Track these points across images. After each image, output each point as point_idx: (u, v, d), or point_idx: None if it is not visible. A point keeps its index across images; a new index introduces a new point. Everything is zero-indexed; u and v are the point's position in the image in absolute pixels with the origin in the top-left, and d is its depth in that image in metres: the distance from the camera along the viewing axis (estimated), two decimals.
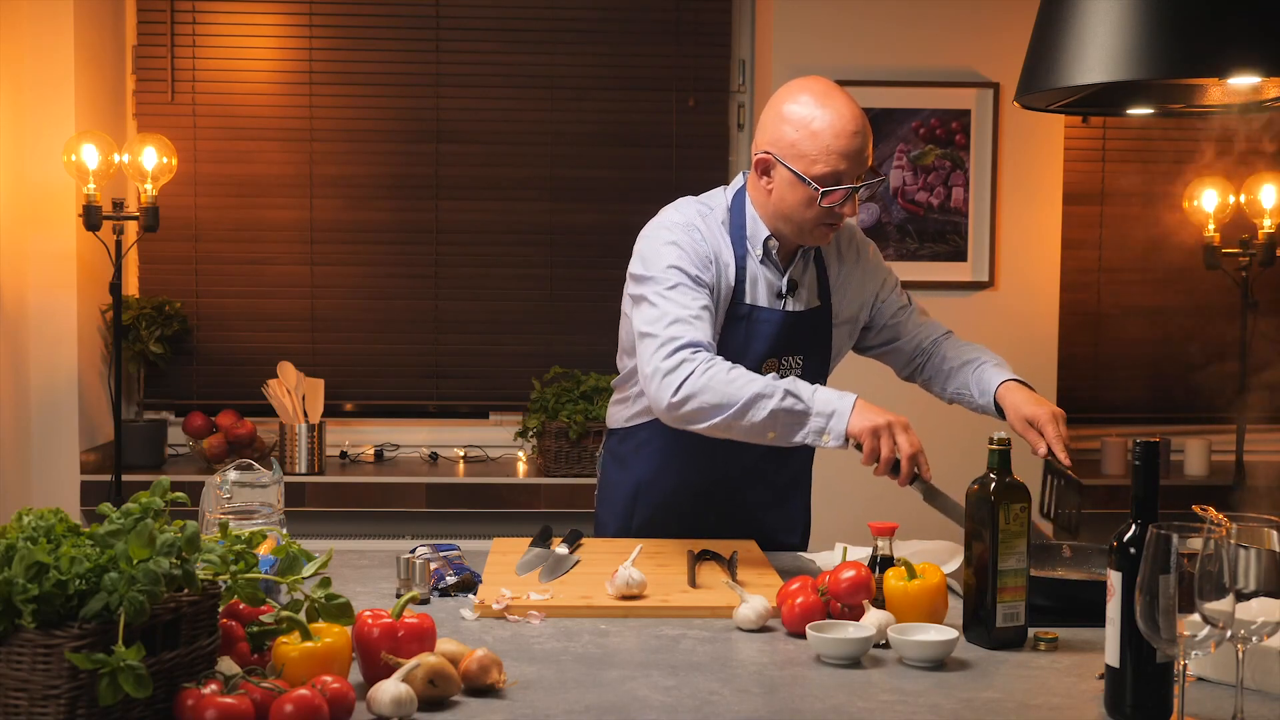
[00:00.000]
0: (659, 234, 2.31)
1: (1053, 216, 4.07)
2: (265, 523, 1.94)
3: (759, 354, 2.34)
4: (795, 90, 2.28)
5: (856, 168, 2.24)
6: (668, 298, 2.24)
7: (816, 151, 2.22)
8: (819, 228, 2.29)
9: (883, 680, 1.67)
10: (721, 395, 2.14)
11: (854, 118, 2.23)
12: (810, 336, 2.41)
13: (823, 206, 2.24)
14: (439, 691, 1.53)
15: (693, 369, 2.16)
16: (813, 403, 2.13)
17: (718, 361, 2.18)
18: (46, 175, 3.79)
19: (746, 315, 2.34)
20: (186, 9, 4.17)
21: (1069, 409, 4.26)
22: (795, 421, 2.14)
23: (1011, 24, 3.95)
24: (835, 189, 2.23)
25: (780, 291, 2.36)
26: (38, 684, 1.32)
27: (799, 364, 2.39)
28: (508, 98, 4.26)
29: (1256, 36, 1.73)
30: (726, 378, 2.15)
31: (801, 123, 2.23)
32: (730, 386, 2.14)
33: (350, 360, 4.28)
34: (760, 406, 2.13)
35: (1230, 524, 1.43)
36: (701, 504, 2.46)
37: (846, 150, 2.22)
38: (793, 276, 2.37)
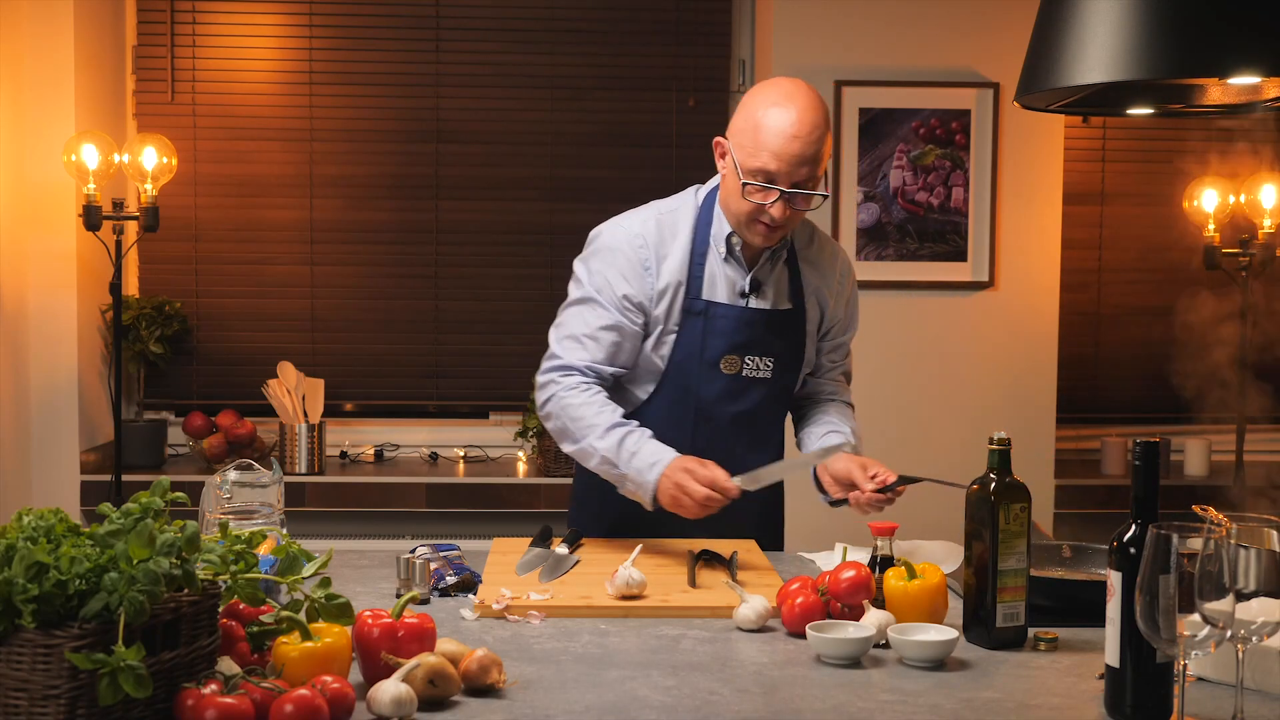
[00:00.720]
0: (592, 245, 2.42)
1: (1053, 216, 4.07)
2: (265, 523, 1.94)
3: (716, 349, 2.36)
4: (767, 85, 2.32)
5: (791, 172, 2.24)
6: (571, 311, 2.40)
7: (753, 145, 2.26)
8: (752, 224, 2.31)
9: (883, 680, 1.67)
10: (566, 431, 2.34)
11: (801, 124, 2.24)
12: (779, 338, 2.41)
13: (750, 201, 2.27)
14: (439, 691, 1.53)
15: (551, 394, 2.36)
16: (628, 470, 2.27)
17: (575, 392, 2.33)
18: (46, 175, 3.79)
19: (703, 311, 2.36)
20: (186, 9, 4.17)
21: (1069, 409, 4.30)
22: (617, 479, 2.31)
23: (1011, 24, 3.95)
24: (758, 185, 2.25)
25: (743, 290, 2.38)
26: (38, 684, 1.32)
27: (767, 365, 2.40)
28: (508, 98, 4.26)
29: (1256, 36, 1.73)
30: (575, 414, 2.32)
31: (752, 115, 2.28)
32: (574, 425, 2.32)
33: (350, 360, 4.28)
34: (590, 456, 2.32)
35: (1230, 524, 1.43)
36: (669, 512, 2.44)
37: (780, 151, 2.23)
38: (757, 276, 2.38)
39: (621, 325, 2.35)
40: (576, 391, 2.34)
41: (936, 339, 4.03)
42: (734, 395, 2.39)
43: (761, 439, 2.46)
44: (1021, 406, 4.02)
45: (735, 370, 2.38)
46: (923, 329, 4.02)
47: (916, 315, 4.01)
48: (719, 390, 2.38)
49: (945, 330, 4.03)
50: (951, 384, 4.04)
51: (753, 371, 2.39)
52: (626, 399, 2.44)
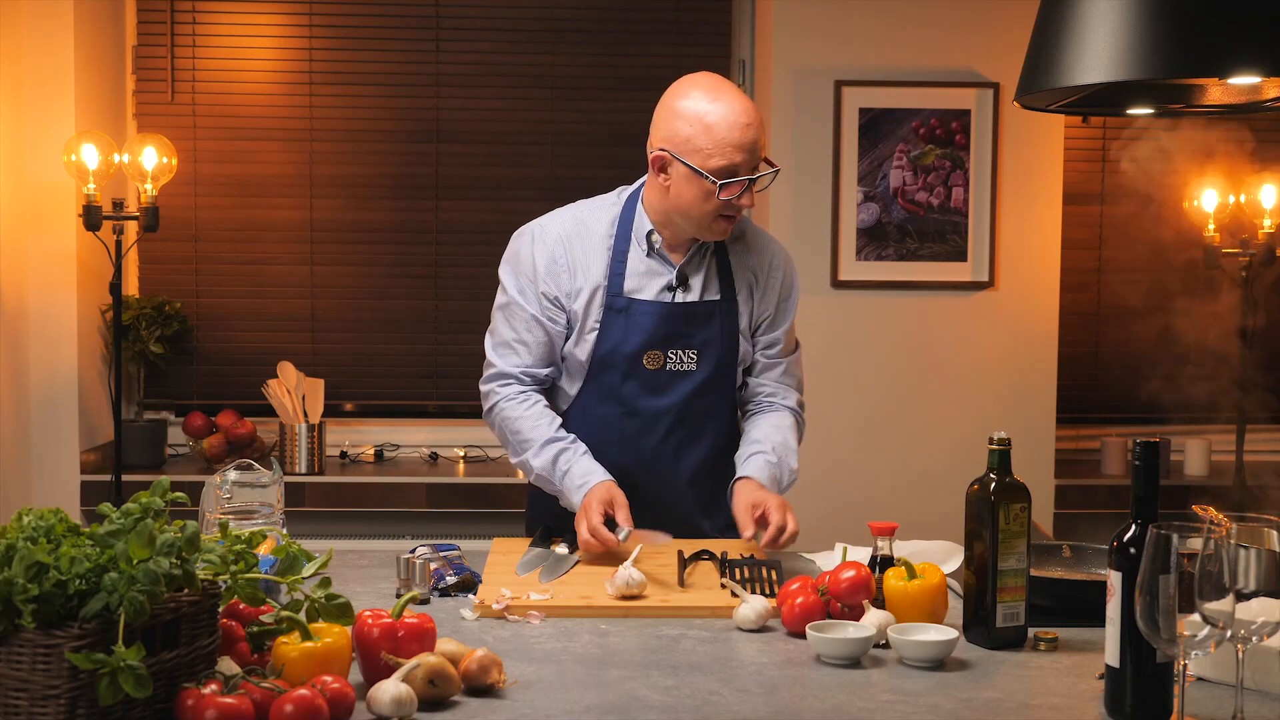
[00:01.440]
0: (512, 247, 2.47)
1: (1053, 216, 4.07)
2: (265, 523, 1.94)
3: (637, 344, 2.38)
4: (686, 86, 2.33)
5: (752, 159, 2.28)
6: (498, 317, 2.46)
7: (711, 146, 2.27)
8: (717, 220, 2.33)
9: (883, 680, 1.67)
10: (507, 443, 2.44)
11: (745, 110, 2.28)
12: (703, 330, 2.41)
13: (720, 199, 2.28)
14: (439, 691, 1.53)
15: (492, 405, 2.45)
16: (561, 486, 2.35)
17: (513, 404, 2.41)
18: (46, 175, 3.79)
19: (625, 308, 2.38)
20: (186, 9, 4.17)
21: (1069, 409, 4.30)
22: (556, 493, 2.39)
23: (1011, 24, 3.95)
24: (731, 181, 2.27)
25: (670, 284, 2.39)
26: (38, 684, 1.32)
27: (691, 358, 2.40)
28: (508, 98, 4.26)
29: (1256, 36, 1.73)
30: (513, 428, 2.41)
31: (695, 118, 2.28)
32: (513, 438, 2.41)
33: (350, 360, 4.27)
34: (529, 471, 2.41)
35: (1230, 524, 1.43)
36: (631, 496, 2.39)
37: (740, 142, 2.26)
38: (684, 270, 2.39)
39: (543, 323, 2.40)
40: (515, 403, 2.42)
41: (936, 339, 4.03)
42: (658, 390, 2.40)
43: (695, 434, 2.44)
44: (1021, 406, 4.02)
45: (659, 365, 2.39)
46: (923, 329, 4.02)
47: (916, 315, 4.01)
48: (642, 385, 2.39)
49: (945, 330, 4.02)
50: (951, 384, 4.04)
51: (676, 365, 2.40)
52: (559, 396, 2.48)
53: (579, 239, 2.42)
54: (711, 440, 2.47)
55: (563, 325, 2.41)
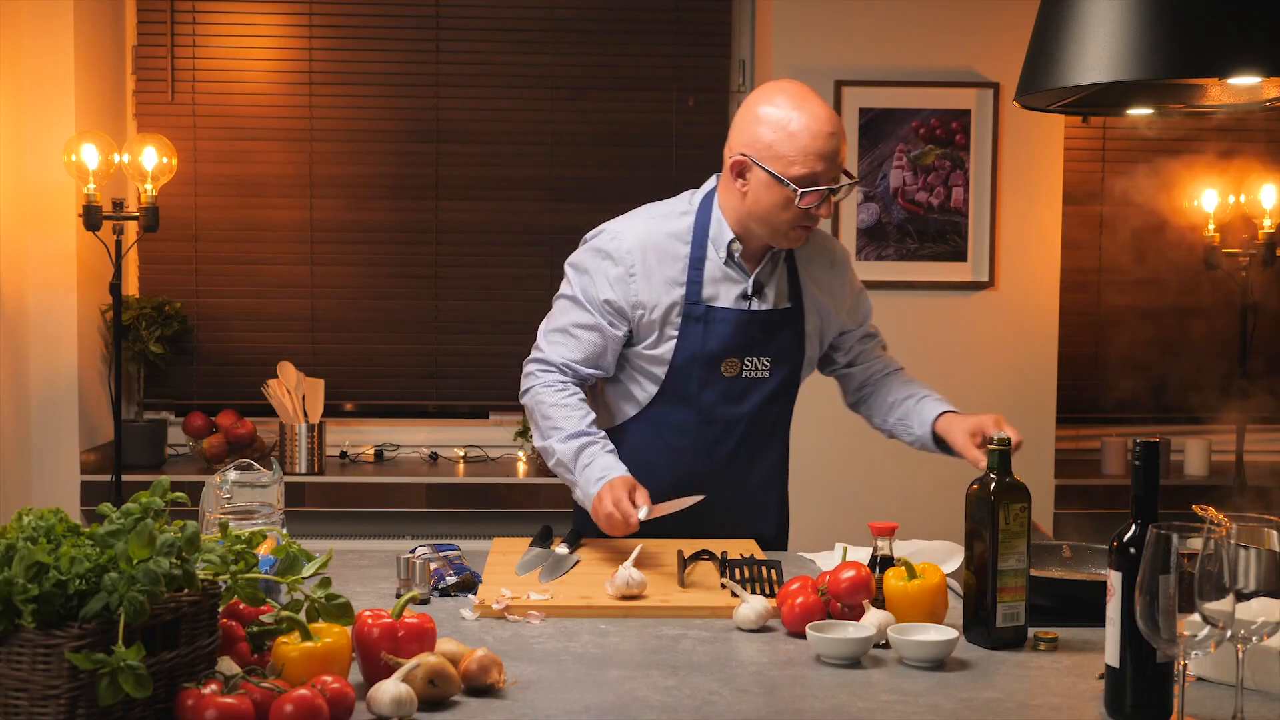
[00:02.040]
0: (585, 249, 2.44)
1: (1053, 216, 4.07)
2: (265, 523, 1.94)
3: (715, 353, 2.37)
4: (771, 92, 2.31)
5: (832, 169, 2.27)
6: (559, 305, 2.45)
7: (794, 153, 2.25)
8: (794, 229, 2.33)
9: (883, 680, 1.67)
10: (536, 425, 2.42)
11: (829, 119, 2.27)
12: (777, 338, 2.42)
13: (799, 208, 2.27)
14: (439, 691, 1.53)
15: (530, 386, 2.44)
16: (579, 477, 2.32)
17: (550, 390, 2.39)
18: (46, 175, 3.79)
19: (703, 316, 2.37)
20: (186, 9, 4.17)
21: (1069, 409, 4.29)
22: (570, 483, 2.36)
23: (1011, 24, 3.95)
24: (812, 190, 2.26)
25: (745, 292, 2.38)
26: (38, 684, 1.32)
27: (764, 365, 2.41)
28: (508, 98, 4.26)
29: (1256, 36, 1.73)
30: (546, 413, 2.38)
31: (778, 124, 2.26)
32: (544, 422, 2.39)
33: (350, 360, 4.28)
34: (550, 455, 2.38)
35: (1230, 524, 1.43)
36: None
37: (823, 151, 2.25)
38: (759, 278, 2.39)
39: (602, 328, 2.38)
40: (552, 390, 2.39)
41: (936, 339, 4.03)
42: (735, 398, 2.40)
43: (764, 440, 2.46)
44: (1021, 406, 4.02)
45: (735, 373, 2.39)
46: (923, 329, 4.02)
47: (916, 315, 4.01)
48: (720, 393, 2.39)
49: (945, 330, 4.02)
50: (951, 384, 4.01)
51: (751, 373, 2.40)
52: (630, 402, 2.45)
53: (655, 247, 2.38)
54: (779, 447, 2.50)
55: (623, 334, 2.39)
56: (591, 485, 2.29)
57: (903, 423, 2.50)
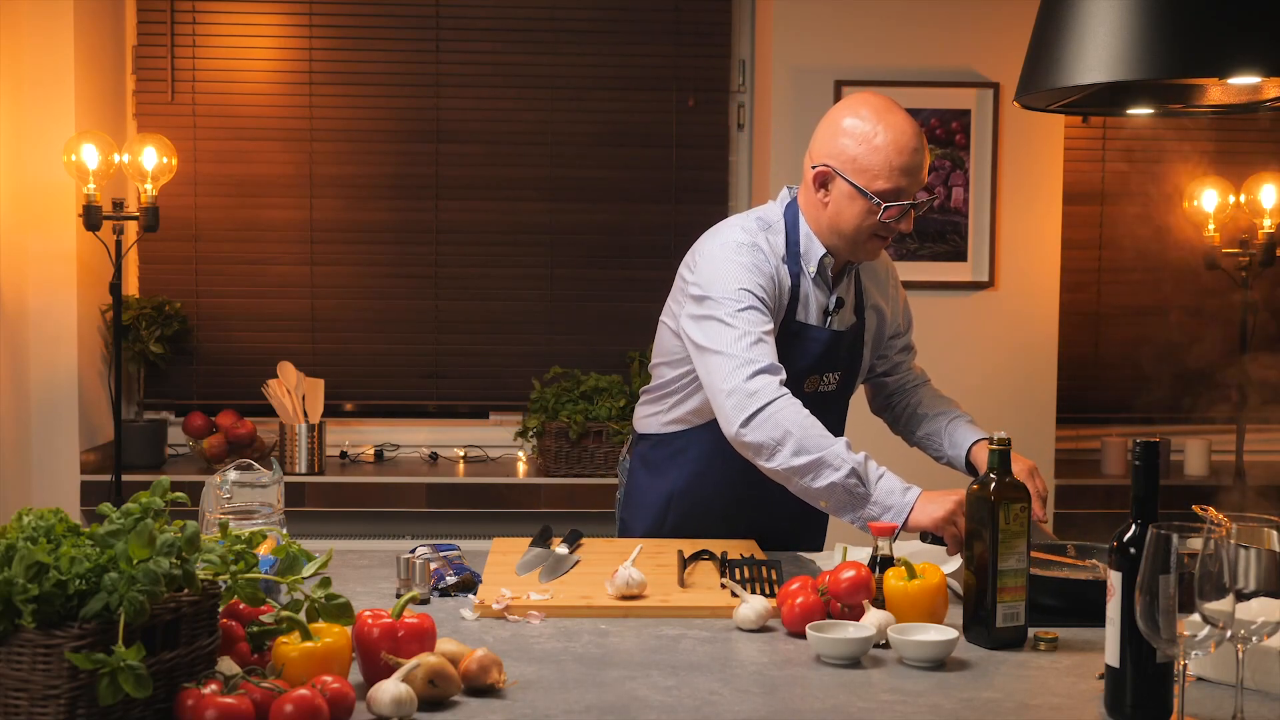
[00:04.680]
0: (727, 254, 2.29)
1: (1053, 216, 4.07)
2: (265, 523, 1.94)
3: (803, 370, 2.35)
4: (855, 104, 2.29)
5: (915, 184, 2.28)
6: (741, 318, 2.22)
7: (878, 166, 2.24)
8: (872, 240, 2.32)
9: (883, 680, 1.67)
10: (791, 444, 2.13)
11: (915, 134, 2.27)
12: (848, 354, 2.44)
13: (882, 221, 2.27)
14: (439, 691, 1.53)
15: (771, 400, 2.15)
16: (875, 491, 2.12)
17: (796, 404, 2.16)
18: (46, 175, 3.79)
19: (797, 333, 2.35)
20: (186, 9, 4.17)
21: (1069, 409, 4.29)
22: (852, 502, 2.13)
23: (1011, 24, 3.95)
24: (895, 204, 2.25)
25: (828, 309, 2.39)
26: (38, 684, 1.32)
27: (835, 380, 2.43)
28: (508, 98, 4.26)
29: (1256, 36, 1.73)
30: (802, 425, 2.13)
31: (864, 137, 2.25)
32: (803, 439, 2.13)
33: (350, 360, 4.28)
34: (823, 475, 2.13)
35: (1230, 524, 1.43)
36: (733, 511, 2.46)
37: (908, 166, 2.25)
38: (840, 295, 2.39)
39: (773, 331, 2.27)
40: (797, 405, 2.17)
41: (936, 339, 4.02)
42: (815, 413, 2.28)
43: None
44: (1021, 406, 4.02)
45: (815, 388, 2.39)
46: (922, 329, 3.99)
47: (916, 315, 3.98)
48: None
49: (945, 330, 4.02)
50: (951, 384, 3.99)
51: (825, 387, 2.41)
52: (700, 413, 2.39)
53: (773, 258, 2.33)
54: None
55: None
56: (901, 495, 2.11)
57: (932, 439, 2.52)
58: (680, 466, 2.47)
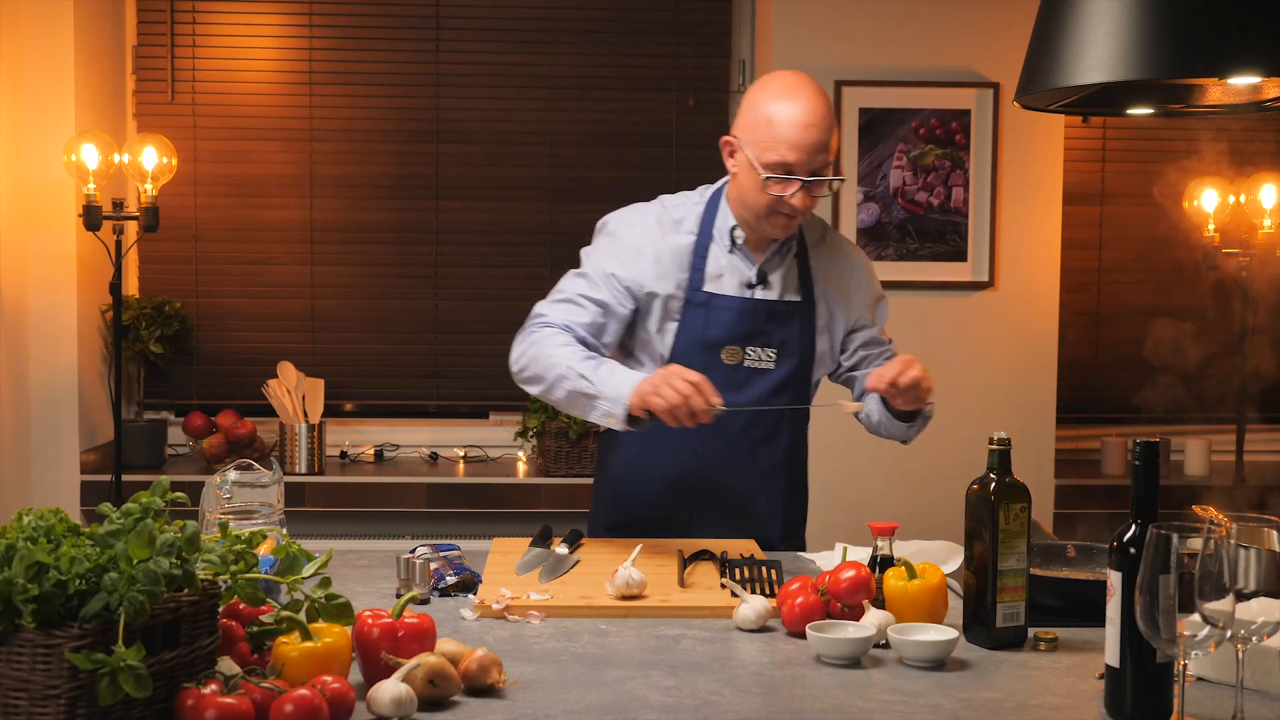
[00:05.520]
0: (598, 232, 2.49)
1: (1053, 216, 4.07)
2: (265, 523, 1.94)
3: (716, 340, 2.39)
4: (768, 80, 2.36)
5: (809, 161, 2.28)
6: (564, 281, 2.44)
7: (769, 140, 2.29)
8: (773, 216, 2.34)
9: (883, 680, 1.67)
10: (540, 366, 2.32)
11: (812, 110, 2.29)
12: (785, 330, 2.43)
13: (770, 194, 2.30)
14: (439, 691, 1.53)
15: (530, 337, 2.36)
16: (600, 387, 2.24)
17: (553, 334, 2.33)
18: (46, 175, 3.79)
19: (705, 302, 2.39)
20: (186, 9, 4.17)
21: (1069, 409, 4.29)
22: (588, 403, 2.26)
23: (1011, 24, 3.95)
24: (780, 178, 2.28)
25: (750, 281, 2.40)
26: (38, 684, 1.32)
27: (769, 357, 2.41)
28: (508, 98, 4.26)
29: (1256, 36, 1.73)
30: (549, 351, 2.30)
31: (760, 109, 2.31)
32: (548, 360, 2.30)
33: (350, 360, 4.28)
34: (561, 385, 2.28)
35: (1230, 524, 1.43)
36: (680, 497, 2.46)
37: (797, 141, 2.27)
38: (764, 267, 2.41)
39: (607, 303, 2.39)
40: (555, 333, 2.35)
41: (936, 339, 4.03)
42: (736, 386, 2.39)
43: (769, 434, 2.46)
44: (1021, 406, 4.02)
45: (737, 360, 2.39)
46: (923, 329, 4.02)
47: (916, 315, 4.01)
48: (720, 381, 2.38)
49: (945, 330, 4.02)
50: (951, 384, 4.03)
51: (755, 362, 2.41)
52: None
53: (663, 232, 2.42)
54: (788, 441, 2.49)
55: (626, 312, 2.39)
56: (624, 385, 2.21)
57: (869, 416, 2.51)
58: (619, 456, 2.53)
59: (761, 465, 2.47)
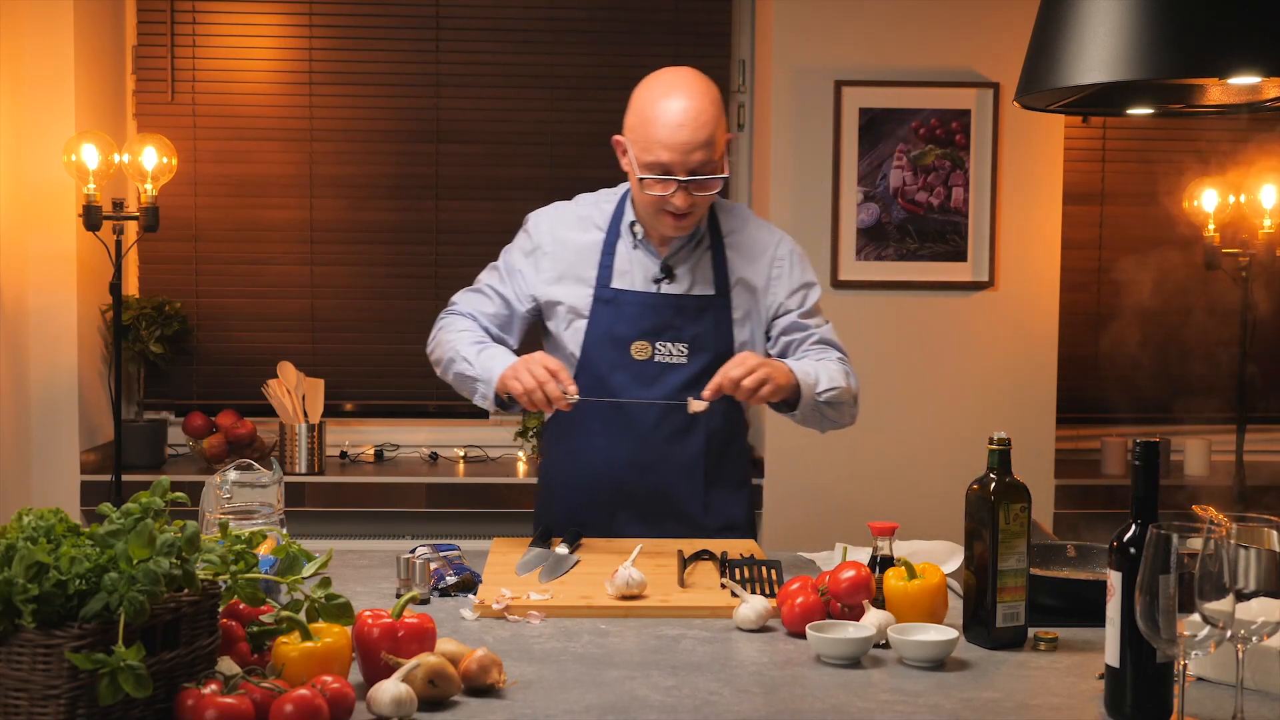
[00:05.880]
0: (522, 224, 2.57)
1: (1053, 216, 4.07)
2: (265, 523, 1.94)
3: (625, 335, 2.41)
4: (650, 78, 2.38)
5: (685, 161, 2.28)
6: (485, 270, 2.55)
7: (646, 140, 2.31)
8: (660, 215, 2.36)
9: (883, 680, 1.67)
10: (440, 351, 2.45)
11: (685, 110, 2.29)
12: (697, 324, 2.42)
13: (649, 194, 2.32)
14: (439, 691, 1.53)
15: (440, 322, 2.51)
16: (479, 369, 2.35)
17: (456, 321, 2.47)
18: (46, 175, 3.79)
19: (610, 299, 2.42)
20: (186, 9, 4.17)
21: (1069, 409, 4.29)
22: (471, 385, 2.38)
23: (1011, 24, 3.95)
24: (658, 178, 2.29)
25: (656, 276, 2.41)
26: (38, 684, 1.32)
27: (681, 351, 2.41)
28: (508, 98, 4.26)
29: (1256, 36, 1.73)
30: (449, 336, 2.44)
31: (638, 108, 2.34)
32: (446, 344, 2.43)
33: (350, 360, 4.27)
34: (451, 367, 2.42)
35: (1230, 524, 1.43)
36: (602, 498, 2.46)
37: (670, 142, 2.28)
38: (669, 261, 2.41)
39: (508, 298, 2.48)
40: (459, 319, 2.49)
41: (936, 339, 4.03)
42: (647, 381, 2.41)
43: (684, 428, 2.43)
44: (1021, 406, 4.02)
45: (647, 356, 2.40)
46: (923, 329, 4.02)
47: (916, 315, 4.01)
48: (631, 376, 2.40)
49: (945, 330, 4.02)
50: (951, 384, 4.04)
51: (665, 357, 2.41)
52: None
53: (572, 228, 2.47)
54: (705, 436, 2.46)
55: (525, 310, 2.48)
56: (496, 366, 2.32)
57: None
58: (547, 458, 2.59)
59: (677, 461, 2.45)
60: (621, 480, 2.45)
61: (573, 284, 2.44)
